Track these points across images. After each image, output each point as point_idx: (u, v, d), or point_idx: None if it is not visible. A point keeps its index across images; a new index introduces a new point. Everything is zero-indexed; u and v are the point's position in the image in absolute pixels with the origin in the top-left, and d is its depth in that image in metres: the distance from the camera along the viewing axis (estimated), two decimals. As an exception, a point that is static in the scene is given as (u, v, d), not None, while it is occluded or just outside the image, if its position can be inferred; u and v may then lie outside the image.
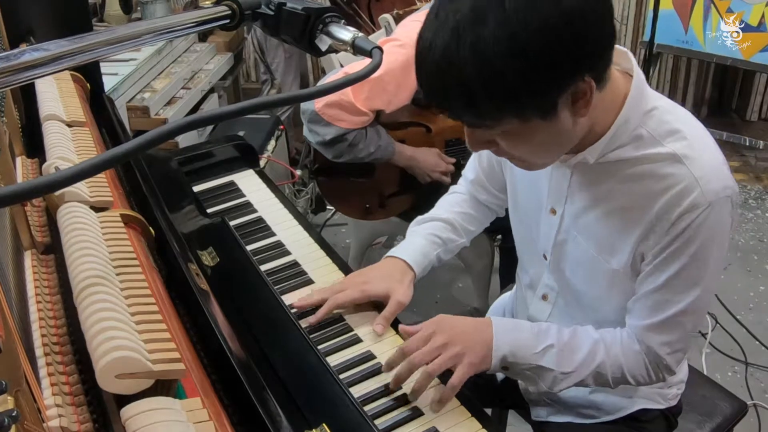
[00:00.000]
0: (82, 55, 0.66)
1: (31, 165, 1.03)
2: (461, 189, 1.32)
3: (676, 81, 3.69)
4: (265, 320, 1.09)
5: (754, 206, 3.07)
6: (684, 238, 0.91)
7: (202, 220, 1.34)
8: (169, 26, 0.74)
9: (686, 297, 0.95)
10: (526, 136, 0.87)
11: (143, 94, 2.65)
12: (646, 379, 1.04)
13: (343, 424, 0.91)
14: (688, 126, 0.93)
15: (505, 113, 0.83)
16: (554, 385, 1.03)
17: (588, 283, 1.06)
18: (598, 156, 0.95)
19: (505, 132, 0.87)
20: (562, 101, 0.83)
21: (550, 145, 0.90)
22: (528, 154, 0.92)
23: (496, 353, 1.00)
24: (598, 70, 0.84)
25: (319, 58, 3.18)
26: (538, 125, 0.85)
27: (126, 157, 0.53)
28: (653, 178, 0.92)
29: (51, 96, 1.13)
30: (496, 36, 0.76)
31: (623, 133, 0.93)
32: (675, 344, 1.00)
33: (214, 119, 0.58)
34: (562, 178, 1.02)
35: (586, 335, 1.04)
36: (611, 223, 0.98)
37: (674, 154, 0.91)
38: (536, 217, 1.10)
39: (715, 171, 0.90)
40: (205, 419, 0.62)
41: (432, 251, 1.22)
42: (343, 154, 1.78)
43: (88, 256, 0.71)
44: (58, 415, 0.60)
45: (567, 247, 1.06)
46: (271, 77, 3.22)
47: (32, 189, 0.49)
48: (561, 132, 0.87)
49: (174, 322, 0.74)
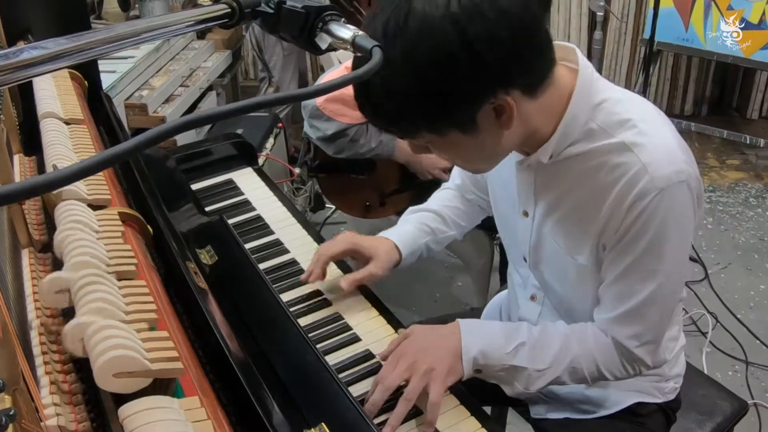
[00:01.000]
0: (80, 54, 0.66)
1: (29, 163, 1.02)
2: (450, 186, 1.35)
3: (677, 79, 3.69)
4: (263, 319, 1.09)
5: (754, 204, 3.06)
6: (638, 226, 0.91)
7: (200, 218, 1.34)
8: (167, 24, 0.74)
9: (646, 286, 0.95)
10: (450, 146, 0.90)
11: (141, 91, 2.65)
12: (623, 373, 1.03)
13: (341, 423, 0.91)
14: (639, 114, 0.93)
15: (420, 129, 0.87)
16: (529, 384, 1.01)
17: (562, 281, 1.07)
18: (552, 155, 0.95)
19: (430, 142, 0.90)
20: (483, 115, 0.85)
21: (477, 154, 0.93)
22: (461, 160, 0.96)
23: (466, 356, 0.99)
24: (523, 83, 0.85)
25: (318, 56, 3.17)
26: (459, 138, 0.87)
27: (125, 156, 0.52)
28: (605, 169, 0.92)
29: (49, 93, 1.13)
30: (398, 61, 0.80)
31: (573, 129, 0.93)
32: (642, 336, 0.99)
33: (213, 118, 0.58)
34: (527, 180, 1.03)
35: (556, 331, 1.03)
36: (574, 220, 0.99)
37: (623, 143, 0.91)
38: (513, 220, 1.11)
39: (666, 156, 0.90)
40: (203, 418, 0.62)
41: (421, 239, 1.25)
42: (344, 149, 1.78)
43: (86, 254, 0.71)
44: (55, 414, 0.60)
45: (541, 248, 1.07)
46: (269, 75, 3.22)
47: (31, 188, 0.48)
48: (485, 143, 0.89)
49: (172, 321, 0.74)
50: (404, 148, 1.87)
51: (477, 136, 0.87)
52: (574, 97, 0.92)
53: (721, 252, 2.72)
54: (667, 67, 3.65)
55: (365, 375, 1.02)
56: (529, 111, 0.87)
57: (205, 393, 0.68)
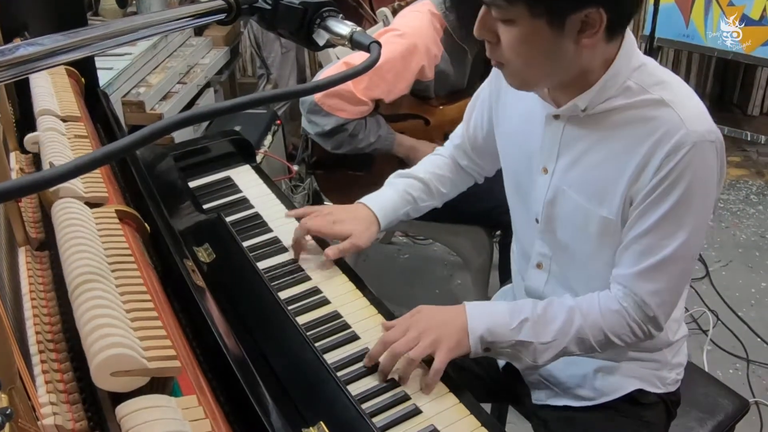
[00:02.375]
0: (77, 50, 0.66)
1: (26, 160, 1.02)
2: (444, 152, 1.37)
3: (677, 74, 3.67)
4: (261, 317, 1.09)
5: (755, 202, 3.04)
6: (671, 179, 0.94)
7: (197, 216, 1.34)
8: (164, 20, 0.74)
9: (673, 240, 0.98)
10: (526, 35, 0.92)
11: (138, 88, 2.64)
12: (631, 337, 1.05)
13: (340, 422, 0.90)
14: (674, 79, 1.00)
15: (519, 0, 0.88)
16: (537, 357, 1.05)
17: (578, 239, 1.09)
18: (588, 104, 0.99)
19: (511, 21, 0.91)
20: (571, 21, 0.89)
21: (544, 59, 0.95)
22: (520, 59, 0.96)
23: (472, 335, 1.03)
24: (616, 13, 0.90)
25: (317, 52, 3.17)
26: (541, 29, 0.90)
27: (122, 153, 0.52)
28: (641, 121, 0.96)
29: (45, 91, 1.12)
30: None
31: (612, 85, 0.98)
32: (663, 293, 1.02)
33: (211, 115, 0.58)
34: (554, 134, 1.06)
35: (560, 305, 1.06)
36: (602, 171, 1.01)
37: (660, 99, 0.96)
38: (527, 180, 1.13)
39: (700, 115, 0.95)
40: (200, 417, 0.62)
41: (402, 208, 1.30)
42: (342, 144, 1.77)
43: (83, 252, 0.71)
44: (52, 413, 0.60)
45: (557, 204, 1.09)
46: (267, 72, 3.21)
47: (28, 185, 0.48)
48: (559, 50, 0.92)
49: (170, 319, 0.74)
50: (403, 142, 1.86)
51: (556, 38, 0.91)
52: (619, 56, 0.97)
53: (722, 249, 2.71)
54: (667, 63, 3.64)
55: (364, 373, 1.01)
56: (598, 49, 0.93)
57: (202, 392, 0.68)
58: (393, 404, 0.96)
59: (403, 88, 1.75)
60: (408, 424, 0.94)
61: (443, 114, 1.91)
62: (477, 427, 0.93)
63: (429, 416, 0.95)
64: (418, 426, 0.94)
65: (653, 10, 2.99)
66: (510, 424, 1.58)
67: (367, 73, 1.07)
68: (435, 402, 0.97)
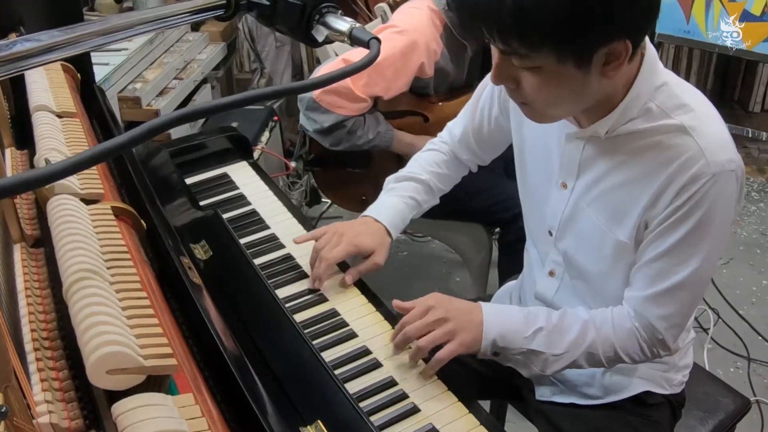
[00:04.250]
0: (73, 46, 0.65)
1: (21, 157, 1.01)
2: (442, 147, 1.34)
3: (678, 71, 3.63)
4: (258, 315, 1.09)
5: (756, 199, 3.02)
6: (687, 207, 0.93)
7: (194, 212, 1.33)
8: (161, 16, 0.73)
9: (686, 267, 0.97)
10: (552, 78, 0.89)
11: (135, 84, 2.63)
12: (641, 356, 1.05)
13: (338, 420, 0.90)
14: (696, 101, 0.97)
15: (546, 46, 0.85)
16: (546, 368, 1.04)
17: (592, 259, 1.08)
18: (608, 130, 0.98)
19: (536, 68, 0.89)
20: (598, 56, 0.87)
21: (569, 96, 0.93)
22: (545, 97, 0.93)
23: (486, 337, 1.02)
24: (638, 37, 0.88)
25: (315, 48, 3.15)
26: (569, 71, 0.87)
27: (119, 150, 0.52)
28: (660, 148, 0.95)
29: (41, 86, 1.12)
30: None
31: (634, 107, 0.96)
32: (672, 318, 1.01)
33: (209, 111, 0.57)
34: (574, 151, 1.04)
35: (575, 317, 1.05)
36: (620, 194, 1.00)
37: (681, 125, 0.94)
38: (545, 192, 1.12)
39: (721, 144, 0.93)
40: (197, 415, 0.61)
41: (408, 214, 1.28)
42: (341, 141, 1.77)
43: (79, 249, 0.70)
44: (48, 411, 0.59)
45: (574, 221, 1.08)
46: (261, 66, 3.19)
47: (24, 182, 0.48)
48: (585, 86, 0.90)
49: (166, 317, 0.73)
50: (402, 139, 1.86)
51: (584, 75, 0.88)
52: (640, 76, 0.94)
53: (723, 247, 2.71)
54: (668, 59, 3.62)
55: (362, 372, 1.01)
56: (619, 72, 0.90)
57: (199, 390, 0.67)
58: (391, 402, 0.96)
59: (403, 85, 1.74)
60: (406, 423, 0.94)
61: (442, 111, 1.90)
62: (476, 426, 0.93)
63: (427, 414, 0.95)
64: (416, 424, 0.94)
65: (654, 5, 2.97)
66: (509, 423, 1.57)
67: (367, 70, 1.06)
68: (433, 400, 0.97)
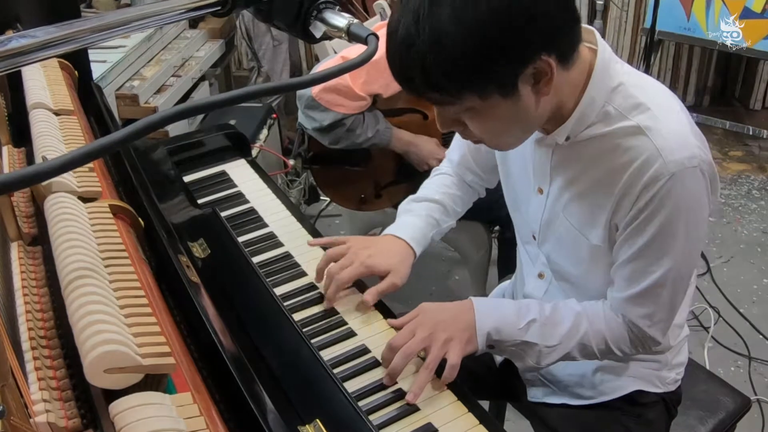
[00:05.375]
0: (70, 43, 0.65)
1: (18, 154, 1.01)
2: (447, 170, 1.34)
3: (678, 69, 3.63)
4: (257, 313, 1.08)
5: (757, 197, 3.01)
6: (650, 209, 0.93)
7: (192, 210, 1.33)
8: (159, 12, 0.73)
9: (659, 267, 0.97)
10: (488, 114, 0.90)
11: (132, 81, 2.62)
12: (632, 350, 1.05)
13: (337, 419, 0.90)
14: (655, 98, 0.95)
15: (465, 91, 0.86)
16: (540, 360, 1.04)
17: (572, 262, 1.09)
18: (569, 136, 0.98)
19: (468, 109, 0.90)
20: (523, 80, 0.86)
21: (514, 123, 0.93)
22: (492, 133, 0.94)
23: (480, 332, 1.02)
24: (560, 49, 0.87)
25: (313, 45, 3.15)
26: (499, 103, 0.88)
27: (116, 146, 0.51)
28: (619, 151, 0.94)
29: (38, 84, 1.11)
30: (450, 18, 0.80)
31: (591, 112, 0.95)
32: (654, 316, 1.02)
33: (206, 108, 0.57)
34: (544, 158, 1.05)
35: (568, 309, 1.06)
36: (588, 200, 1.01)
37: (637, 126, 0.93)
38: (526, 197, 1.13)
39: (679, 141, 0.91)
40: (195, 415, 0.61)
41: (429, 232, 1.25)
42: (340, 139, 1.77)
43: (76, 247, 0.70)
44: (45, 411, 0.59)
45: (552, 226, 1.09)
46: (258, 64, 3.19)
47: (20, 179, 0.47)
48: (523, 110, 0.90)
49: (164, 316, 0.73)
50: (401, 137, 1.85)
51: (516, 101, 0.88)
52: (593, 78, 0.94)
53: (723, 245, 2.69)
54: (668, 56, 3.61)
55: (361, 371, 1.01)
56: (559, 82, 0.89)
57: (197, 389, 0.67)
58: (390, 402, 0.96)
59: None
60: (405, 422, 0.93)
61: (440, 108, 1.90)
62: (475, 425, 0.93)
63: (426, 414, 0.94)
64: (415, 423, 0.93)
65: (654, 2, 2.95)
66: (508, 422, 1.57)
67: (366, 67, 1.05)
68: (432, 399, 0.97)
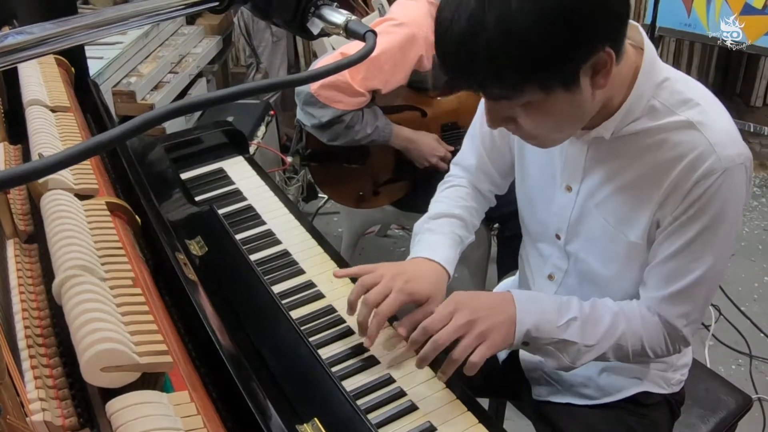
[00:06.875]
0: (66, 39, 0.65)
1: (14, 151, 1.00)
2: (461, 181, 1.28)
3: (679, 65, 3.62)
4: (254, 311, 1.08)
5: (758, 194, 3.00)
6: (700, 204, 0.92)
7: (189, 208, 1.32)
8: (156, 9, 0.73)
9: (700, 265, 0.96)
10: (547, 108, 0.88)
11: (129, 78, 2.62)
12: (664, 351, 1.04)
13: (335, 418, 0.90)
14: (700, 94, 0.95)
15: (530, 83, 0.84)
16: (577, 359, 1.01)
17: (604, 261, 1.06)
18: (614, 130, 0.96)
19: (526, 104, 0.88)
20: (584, 72, 0.85)
21: (569, 118, 0.92)
22: (546, 128, 0.92)
23: (519, 328, 0.98)
24: (617, 41, 0.86)
25: (311, 41, 3.14)
26: (559, 96, 0.86)
27: (112, 143, 0.51)
28: (668, 145, 0.93)
29: (34, 80, 1.11)
30: (521, 6, 0.78)
31: (637, 106, 0.94)
32: (690, 315, 1.01)
33: (203, 104, 0.57)
34: (578, 154, 1.03)
35: (606, 307, 1.03)
36: (629, 195, 0.99)
37: (689, 121, 0.92)
38: (549, 195, 1.10)
39: (730, 137, 0.92)
40: (193, 413, 0.61)
41: (456, 249, 1.19)
42: (339, 136, 1.76)
43: (73, 245, 0.70)
44: (41, 409, 0.59)
45: (583, 224, 1.06)
46: (257, 61, 3.18)
47: (15, 176, 0.47)
48: (581, 104, 0.89)
49: (161, 314, 0.73)
50: (401, 133, 1.85)
51: (576, 94, 0.86)
52: (641, 74, 0.93)
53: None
54: (668, 53, 3.61)
55: (359, 369, 1.00)
56: (612, 75, 0.88)
57: (195, 388, 0.67)
58: (389, 400, 0.96)
59: (401, 78, 1.73)
60: (404, 421, 0.93)
61: (440, 105, 1.89)
62: (474, 424, 0.93)
63: (426, 412, 0.94)
64: (414, 422, 0.93)
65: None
66: (508, 420, 1.57)
67: (365, 63, 1.05)
68: (431, 398, 0.96)
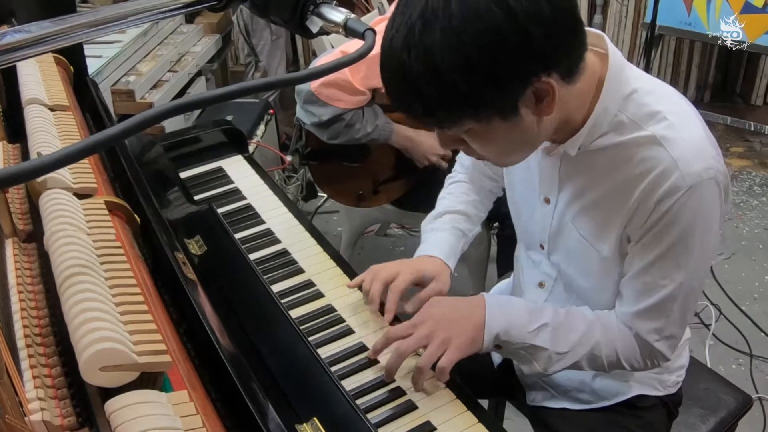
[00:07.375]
0: (65, 37, 0.64)
1: (13, 150, 1.00)
2: (462, 177, 1.31)
3: (679, 64, 3.62)
4: (254, 311, 1.08)
5: (758, 193, 2.98)
6: (666, 222, 0.90)
7: (189, 207, 1.32)
8: (155, 7, 0.73)
9: (671, 281, 0.95)
10: (488, 136, 0.87)
11: (128, 77, 2.61)
12: (641, 364, 1.03)
13: (335, 418, 0.89)
14: (670, 106, 0.92)
15: (462, 117, 0.84)
16: (549, 366, 1.02)
17: (582, 273, 1.06)
18: (580, 147, 0.95)
19: (468, 131, 0.87)
20: (523, 102, 0.83)
21: (516, 145, 0.91)
22: (494, 153, 0.92)
23: (488, 332, 1.00)
24: (562, 66, 0.83)
25: (310, 40, 3.14)
26: (499, 125, 0.85)
27: (111, 141, 0.51)
28: (634, 162, 0.92)
29: (33, 79, 1.11)
30: (442, 45, 0.77)
31: (603, 121, 0.92)
32: (663, 331, 1.00)
33: (202, 103, 0.57)
34: (552, 167, 1.02)
35: (581, 316, 1.03)
36: (599, 211, 0.98)
37: (653, 136, 0.90)
38: (532, 205, 1.10)
39: (697, 152, 0.89)
40: (192, 413, 0.61)
41: (458, 245, 1.22)
42: (339, 135, 1.76)
43: (72, 244, 0.70)
44: (40, 409, 0.59)
45: (562, 236, 1.06)
46: (256, 59, 3.18)
47: (14, 175, 0.47)
48: (524, 131, 0.87)
49: (160, 313, 0.73)
50: (401, 132, 1.84)
51: (518, 123, 0.85)
52: (605, 88, 0.90)
53: (724, 242, 2.65)
54: (669, 51, 3.60)
55: (358, 368, 1.00)
56: (565, 97, 0.86)
57: (194, 387, 0.67)
58: (388, 400, 0.96)
59: None
60: (403, 420, 0.93)
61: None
62: (474, 423, 0.93)
63: (425, 412, 0.94)
64: (414, 422, 0.93)
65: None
66: (508, 420, 1.57)
67: (365, 62, 1.04)
68: (431, 398, 0.96)
